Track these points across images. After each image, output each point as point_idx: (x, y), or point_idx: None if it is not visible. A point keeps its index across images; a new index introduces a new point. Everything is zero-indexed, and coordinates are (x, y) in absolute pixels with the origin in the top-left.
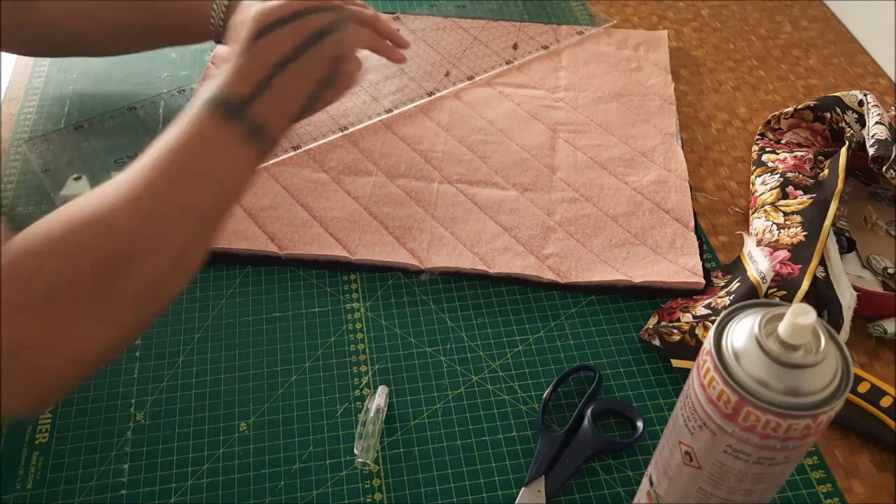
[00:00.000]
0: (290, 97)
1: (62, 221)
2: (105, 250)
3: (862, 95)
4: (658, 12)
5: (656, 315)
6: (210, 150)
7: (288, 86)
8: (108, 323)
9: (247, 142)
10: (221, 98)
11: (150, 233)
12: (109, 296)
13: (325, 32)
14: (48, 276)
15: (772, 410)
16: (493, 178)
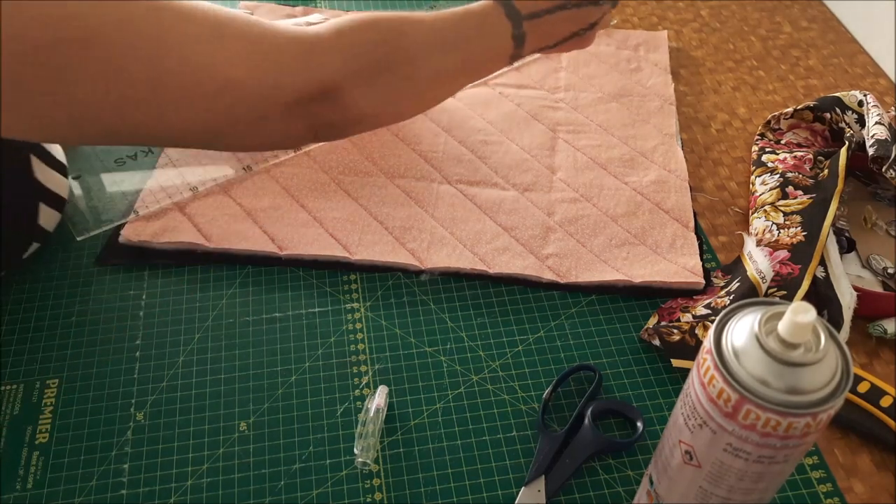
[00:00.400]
0: (550, 32)
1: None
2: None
3: (862, 96)
4: (658, 13)
5: (656, 315)
6: (486, 28)
7: (553, 24)
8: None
9: (511, 40)
10: (510, 5)
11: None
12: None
13: (595, 2)
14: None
15: (772, 409)
16: (493, 178)
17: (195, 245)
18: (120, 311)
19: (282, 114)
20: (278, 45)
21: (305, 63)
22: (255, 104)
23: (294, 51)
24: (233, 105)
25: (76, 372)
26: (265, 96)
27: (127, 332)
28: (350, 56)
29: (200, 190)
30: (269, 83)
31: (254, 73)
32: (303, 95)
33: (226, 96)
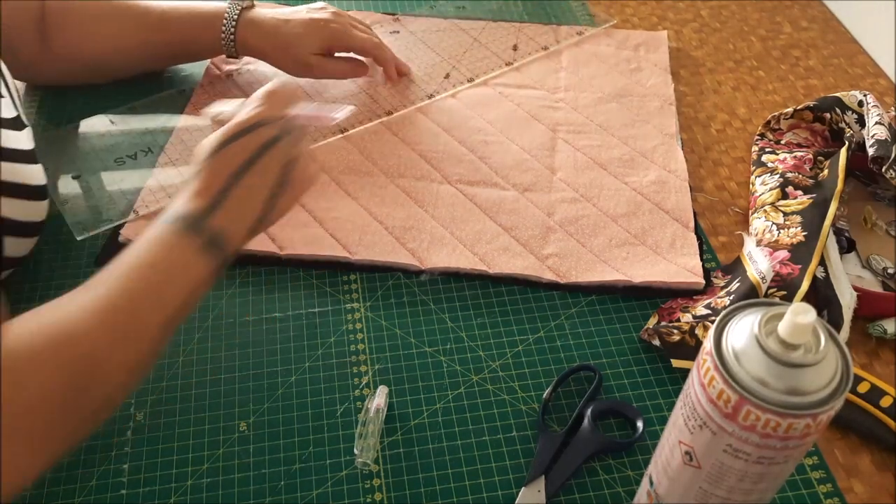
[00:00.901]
0: (247, 206)
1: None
2: (69, 372)
3: (862, 96)
4: (658, 13)
5: (656, 315)
6: (171, 263)
7: (243, 195)
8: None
9: (206, 252)
10: (181, 213)
11: (113, 350)
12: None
13: (273, 142)
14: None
15: (772, 410)
16: (493, 178)
17: None
18: None
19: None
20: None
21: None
22: None
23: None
24: None
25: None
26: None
27: None
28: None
29: None
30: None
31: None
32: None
33: None
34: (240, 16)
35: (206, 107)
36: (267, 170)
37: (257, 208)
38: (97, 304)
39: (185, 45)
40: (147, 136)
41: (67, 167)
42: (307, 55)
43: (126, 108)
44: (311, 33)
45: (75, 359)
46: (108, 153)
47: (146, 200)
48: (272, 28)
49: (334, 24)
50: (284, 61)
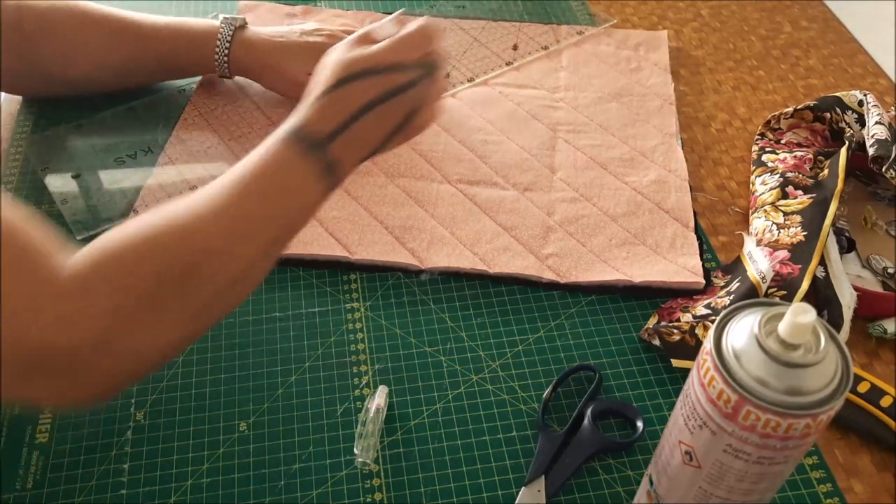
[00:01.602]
0: (365, 141)
1: (147, 227)
2: (183, 260)
3: (862, 95)
4: (658, 12)
5: (656, 315)
6: (288, 179)
7: (365, 131)
8: (175, 327)
9: (322, 177)
10: (304, 133)
11: (225, 248)
12: (181, 301)
13: (407, 88)
14: (132, 279)
15: (772, 410)
16: (493, 177)
17: None
18: None
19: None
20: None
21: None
22: None
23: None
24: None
25: None
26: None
27: None
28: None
29: None
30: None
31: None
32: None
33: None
34: (234, 35)
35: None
36: (391, 114)
37: (372, 145)
38: (213, 205)
39: (174, 62)
40: (147, 136)
41: (67, 167)
42: (302, 75)
43: (126, 108)
44: (306, 56)
45: (185, 254)
46: (108, 153)
47: (146, 200)
48: (266, 49)
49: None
50: (279, 83)
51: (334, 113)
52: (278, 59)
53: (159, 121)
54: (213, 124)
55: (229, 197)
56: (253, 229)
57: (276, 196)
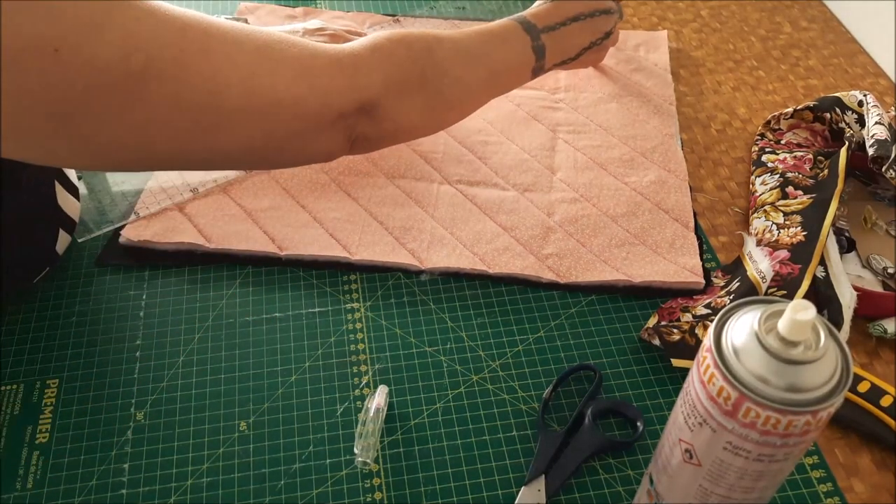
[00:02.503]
0: (568, 44)
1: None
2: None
3: (862, 96)
4: (658, 13)
5: (656, 315)
6: (508, 41)
7: (570, 34)
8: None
9: (531, 51)
10: (527, 21)
11: (455, 64)
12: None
13: (607, 12)
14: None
15: (771, 407)
16: (493, 178)
17: (195, 245)
18: (120, 311)
19: (326, 131)
20: (322, 66)
21: (349, 81)
22: (304, 123)
23: (337, 70)
24: (282, 125)
25: (76, 372)
26: (313, 115)
27: (127, 332)
28: (387, 72)
29: (201, 191)
30: (318, 102)
31: (303, 94)
32: (345, 111)
33: (276, 117)
34: None
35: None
36: (594, 29)
37: (573, 51)
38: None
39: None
40: None
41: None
42: None
43: None
44: None
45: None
46: None
47: (147, 202)
48: None
49: None
50: None
51: (551, 14)
52: None
53: None
54: None
55: (468, 34)
56: (477, 62)
57: (498, 48)
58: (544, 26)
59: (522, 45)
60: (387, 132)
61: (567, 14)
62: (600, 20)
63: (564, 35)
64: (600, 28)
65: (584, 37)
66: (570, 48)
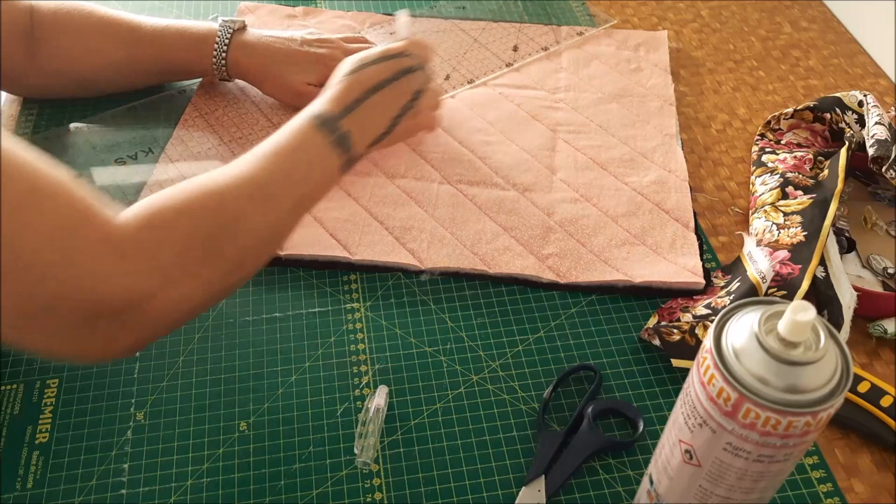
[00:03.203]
0: (375, 118)
1: (186, 192)
2: (218, 221)
3: (862, 96)
4: (658, 13)
5: (656, 315)
6: (305, 151)
7: (374, 108)
8: (207, 282)
9: (335, 148)
10: (318, 112)
11: (251, 211)
12: (213, 258)
13: (411, 70)
14: (177, 237)
15: (771, 408)
16: (493, 178)
17: None
18: None
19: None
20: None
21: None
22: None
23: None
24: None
25: (76, 372)
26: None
27: None
28: (161, 258)
29: None
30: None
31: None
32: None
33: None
34: (232, 38)
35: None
36: (400, 92)
37: (383, 123)
38: (243, 177)
39: (174, 64)
40: (147, 136)
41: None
42: (300, 84)
43: (126, 108)
44: (307, 67)
45: (220, 214)
46: (108, 153)
47: None
48: (265, 55)
49: (330, 60)
50: (278, 91)
51: (346, 93)
52: (279, 68)
53: (160, 121)
54: (213, 125)
55: (255, 166)
56: (277, 194)
57: (296, 165)
58: (342, 109)
59: (322, 148)
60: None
61: (365, 86)
62: (404, 81)
63: (368, 110)
64: (407, 89)
65: (392, 104)
66: (378, 123)
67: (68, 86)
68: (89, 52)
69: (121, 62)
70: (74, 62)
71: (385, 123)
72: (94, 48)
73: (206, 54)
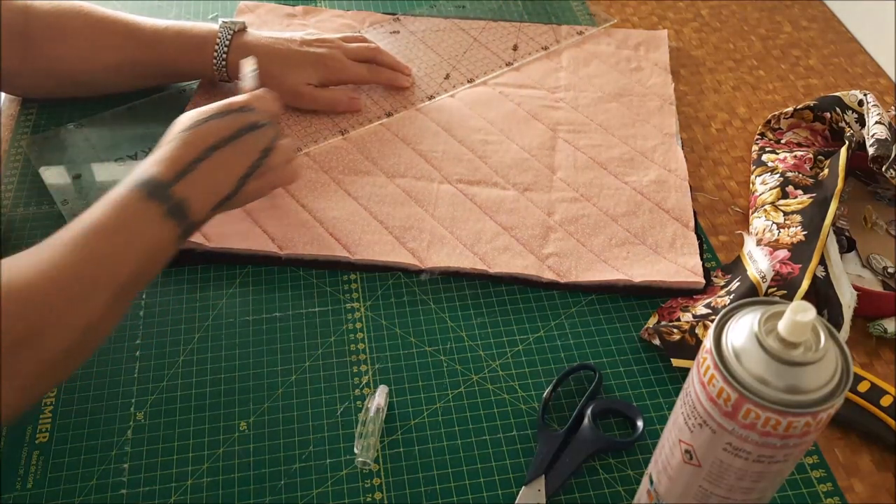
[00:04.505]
0: (217, 179)
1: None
2: (19, 322)
3: (862, 95)
4: (658, 12)
5: (656, 314)
6: (131, 226)
7: (215, 169)
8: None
9: (168, 219)
10: (146, 179)
11: (64, 308)
12: (18, 364)
13: (256, 126)
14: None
15: (771, 408)
16: (493, 177)
17: (195, 245)
18: None
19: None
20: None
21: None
22: None
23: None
24: None
25: (76, 372)
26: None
27: (127, 332)
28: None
29: None
30: None
31: None
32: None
33: None
34: (232, 39)
35: None
36: (245, 150)
37: (228, 184)
38: (51, 265)
39: (174, 65)
40: (147, 136)
41: (67, 167)
42: (300, 85)
43: (126, 108)
44: (307, 67)
45: (30, 311)
46: (108, 153)
47: None
48: (265, 56)
49: (330, 60)
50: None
51: (179, 156)
52: (279, 69)
53: (160, 121)
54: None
55: (71, 254)
56: (97, 284)
57: (120, 244)
58: (176, 174)
59: (151, 222)
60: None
61: (202, 145)
62: (249, 139)
63: (207, 172)
64: (253, 147)
65: (236, 164)
66: (221, 185)
67: (65, 86)
68: (87, 53)
69: (119, 64)
70: (71, 63)
71: (230, 184)
72: (91, 50)
73: (206, 56)
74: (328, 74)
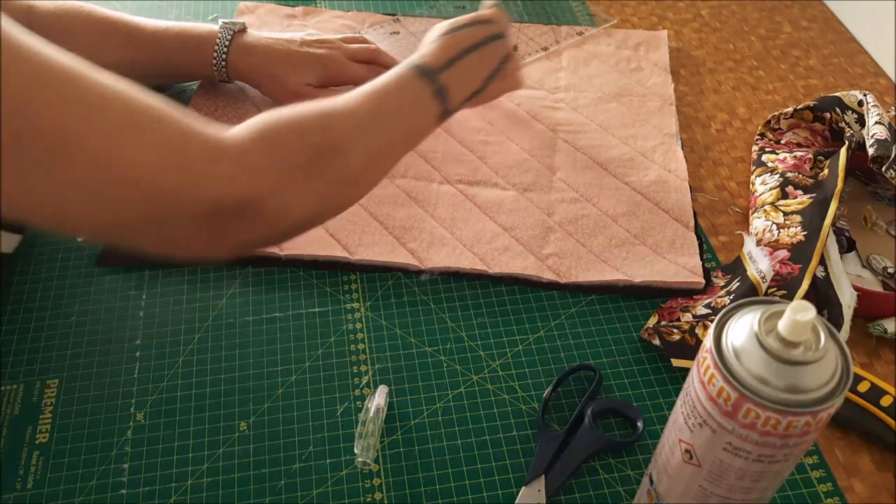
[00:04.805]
0: (470, 76)
1: (297, 112)
2: (324, 140)
3: (862, 95)
4: (658, 12)
5: (656, 315)
6: (406, 96)
7: (469, 67)
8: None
9: (433, 98)
10: (420, 64)
11: (355, 138)
12: (323, 170)
13: (498, 37)
14: (286, 148)
15: (771, 408)
16: (493, 178)
17: None
18: (120, 311)
19: (195, 224)
20: (198, 150)
21: (229, 171)
22: (166, 210)
23: (216, 156)
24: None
25: (76, 372)
26: (181, 202)
27: (127, 332)
28: (278, 164)
29: None
30: (187, 189)
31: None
32: (223, 206)
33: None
34: (232, 40)
35: None
36: (491, 55)
37: (476, 82)
38: (348, 104)
39: (174, 65)
40: None
41: None
42: (300, 86)
43: None
44: (307, 68)
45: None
46: None
47: None
48: (265, 56)
49: (330, 60)
50: (278, 92)
51: (443, 52)
52: (279, 70)
53: None
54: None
55: (362, 100)
56: (378, 127)
57: (397, 106)
58: (440, 66)
59: (422, 95)
60: (278, 231)
61: (460, 46)
62: (492, 47)
63: (463, 68)
64: (496, 54)
65: (483, 66)
66: (472, 81)
67: None
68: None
69: (120, 64)
70: None
71: (478, 83)
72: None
73: (206, 57)
74: (328, 75)
